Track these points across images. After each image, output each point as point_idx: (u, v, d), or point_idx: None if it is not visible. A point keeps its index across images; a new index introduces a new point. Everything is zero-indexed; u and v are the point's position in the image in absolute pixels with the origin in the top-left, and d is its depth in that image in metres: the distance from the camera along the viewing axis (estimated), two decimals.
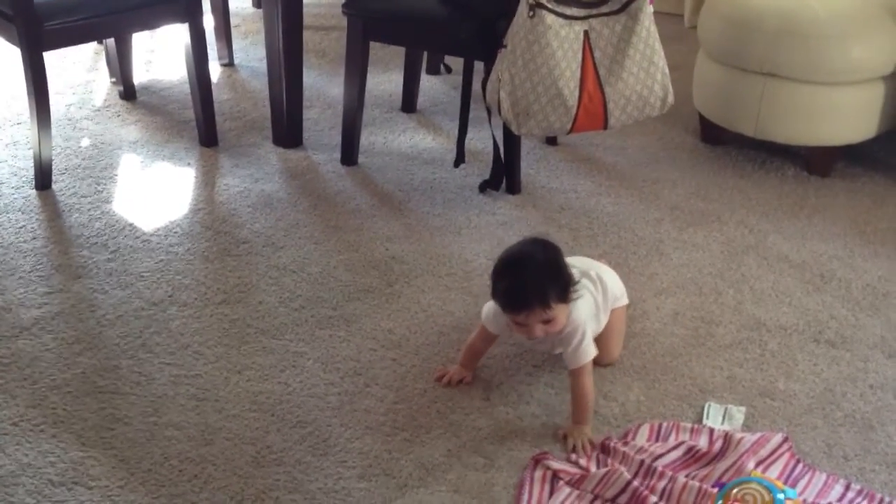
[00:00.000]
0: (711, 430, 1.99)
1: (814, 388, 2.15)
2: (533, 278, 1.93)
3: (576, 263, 2.13)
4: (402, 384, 2.14)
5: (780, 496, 1.63)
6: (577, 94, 2.60)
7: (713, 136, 3.26)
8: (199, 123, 3.12)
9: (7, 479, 1.85)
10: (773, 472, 1.87)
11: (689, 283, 2.52)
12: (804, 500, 1.79)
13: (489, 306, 2.08)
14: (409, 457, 1.94)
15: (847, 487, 1.87)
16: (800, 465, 1.92)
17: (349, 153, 3.07)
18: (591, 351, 2.00)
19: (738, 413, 2.05)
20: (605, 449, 1.93)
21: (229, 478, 1.88)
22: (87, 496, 1.82)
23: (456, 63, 3.34)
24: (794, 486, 1.85)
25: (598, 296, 2.12)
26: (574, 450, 1.94)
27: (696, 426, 2.01)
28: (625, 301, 2.25)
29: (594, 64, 2.60)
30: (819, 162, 3.06)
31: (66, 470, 1.88)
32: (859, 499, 1.84)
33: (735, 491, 1.65)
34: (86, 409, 2.04)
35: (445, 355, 2.23)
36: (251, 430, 2.00)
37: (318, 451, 1.95)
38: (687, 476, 1.86)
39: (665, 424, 2.02)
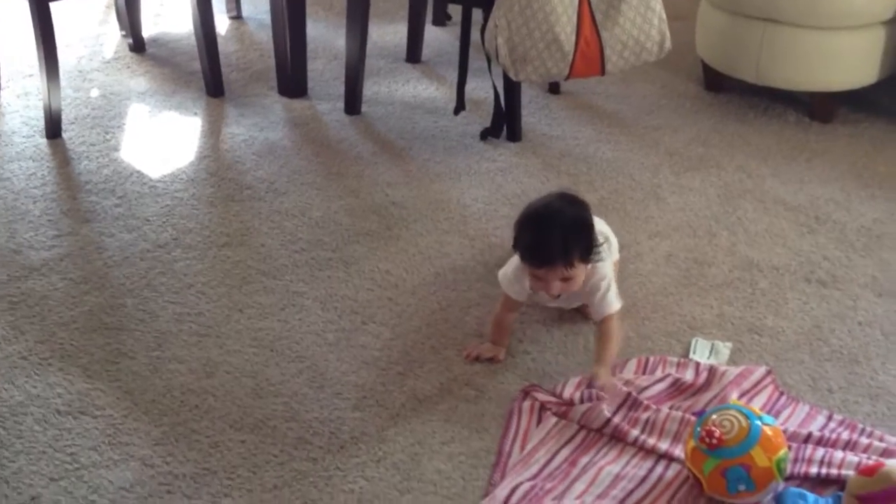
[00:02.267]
0: (697, 364, 2.04)
1: (802, 325, 2.19)
2: (560, 234, 1.90)
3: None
4: (397, 322, 2.20)
5: (757, 422, 1.67)
6: (573, 39, 2.62)
7: (716, 83, 3.27)
8: (206, 74, 3.17)
9: (16, 408, 1.93)
10: (757, 404, 1.92)
11: (683, 226, 2.55)
12: (786, 430, 1.83)
13: (506, 272, 2.05)
14: (402, 389, 2.01)
15: (829, 418, 1.91)
16: (783, 397, 1.97)
17: (352, 102, 3.11)
18: (616, 302, 2.00)
19: (725, 348, 2.09)
20: (592, 383, 1.98)
21: (229, 408, 1.95)
22: (92, 424, 1.90)
23: (457, 11, 3.36)
24: (776, 416, 1.90)
25: (608, 258, 2.09)
26: (604, 387, 1.92)
27: (682, 360, 2.06)
28: (617, 256, 2.25)
29: (590, 9, 2.62)
30: (821, 108, 3.07)
31: (72, 400, 1.96)
32: (841, 428, 1.88)
33: (714, 417, 1.69)
34: (92, 344, 2.11)
35: (441, 295, 2.28)
36: (251, 364, 2.07)
37: (315, 383, 2.02)
38: (671, 407, 1.91)
39: (652, 359, 2.07)
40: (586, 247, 1.94)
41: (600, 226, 2.16)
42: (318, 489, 1.77)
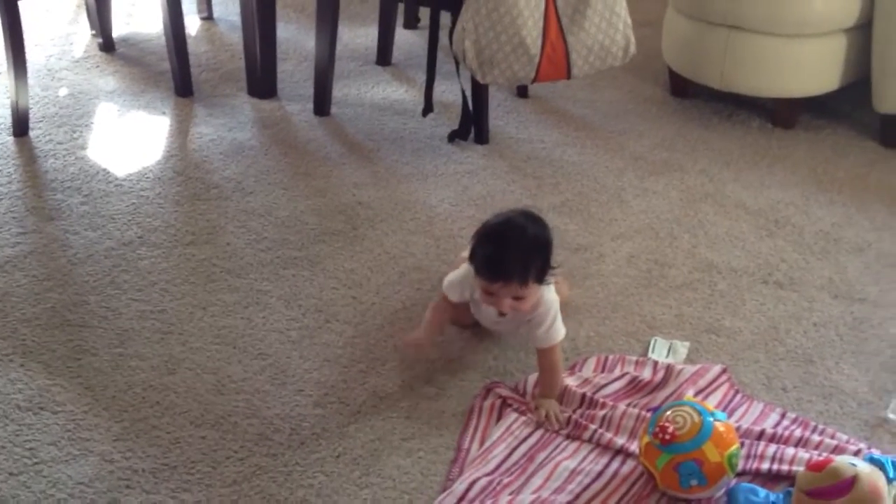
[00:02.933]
0: (655, 363, 2.07)
1: (759, 326, 2.22)
2: (519, 251, 1.87)
3: None
4: (361, 320, 2.21)
5: (709, 418, 1.70)
6: (539, 43, 2.65)
7: (682, 89, 3.31)
8: (175, 74, 3.18)
9: None
10: (712, 401, 1.95)
11: (646, 228, 2.59)
12: (739, 426, 1.87)
13: (453, 277, 2.03)
14: (363, 386, 2.02)
15: (783, 416, 1.95)
16: (738, 396, 2.00)
17: (321, 103, 3.12)
18: (562, 331, 1.96)
19: (682, 347, 2.13)
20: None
21: (190, 404, 1.96)
22: (52, 420, 1.90)
23: (426, 14, 3.39)
24: (731, 413, 1.93)
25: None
26: (547, 418, 1.90)
27: (640, 359, 2.09)
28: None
29: (557, 13, 2.66)
30: (783, 114, 3.11)
31: (32, 396, 1.96)
32: (794, 426, 1.92)
33: (668, 413, 1.72)
34: (54, 340, 2.11)
35: (405, 294, 2.30)
36: (213, 361, 2.07)
37: (277, 380, 2.03)
38: (628, 404, 1.94)
39: (611, 357, 2.10)
40: (543, 267, 1.90)
41: None
42: (277, 484, 1.78)
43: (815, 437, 1.85)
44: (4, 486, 1.74)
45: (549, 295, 1.96)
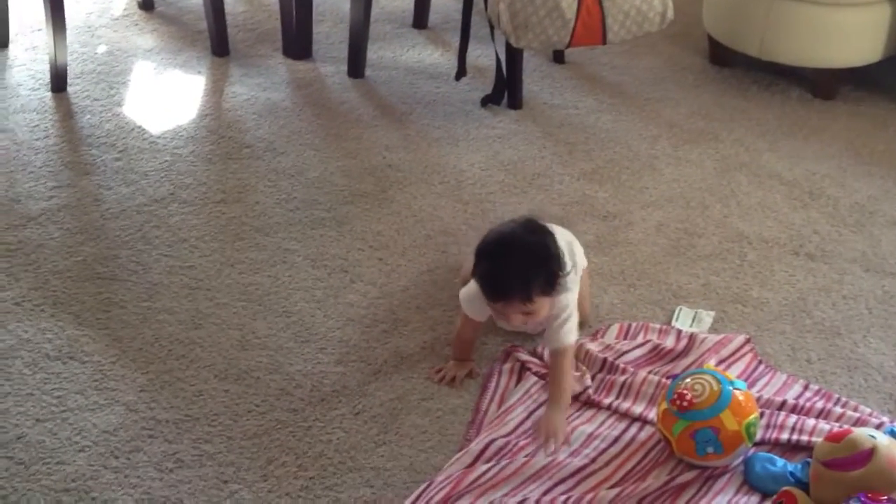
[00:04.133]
0: (679, 331, 2.05)
1: (787, 297, 2.20)
2: (519, 266, 1.76)
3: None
4: (385, 281, 2.22)
5: (729, 387, 1.69)
6: (574, 7, 2.62)
7: (721, 57, 3.26)
8: (212, 33, 3.19)
9: (7, 352, 1.97)
10: (735, 371, 1.93)
11: (677, 197, 2.56)
12: (760, 397, 1.85)
13: (468, 292, 1.91)
14: (385, 346, 2.04)
15: (805, 387, 1.93)
16: (761, 366, 1.98)
17: (356, 65, 3.12)
18: (574, 334, 1.86)
19: (707, 317, 2.11)
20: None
21: (214, 358, 1.99)
22: (80, 369, 1.94)
23: None
24: (753, 384, 1.92)
25: (574, 287, 1.93)
26: (546, 442, 1.76)
27: (664, 327, 2.08)
28: (585, 263, 2.08)
29: None
30: (824, 85, 3.05)
31: (62, 346, 2.00)
32: (816, 398, 1.90)
33: (687, 380, 1.72)
34: (84, 293, 2.15)
35: (430, 257, 2.30)
36: (238, 317, 2.10)
37: (300, 338, 2.05)
38: (649, 372, 1.93)
39: (634, 325, 2.09)
40: (548, 280, 1.77)
41: (566, 236, 2.01)
42: (296, 438, 1.80)
43: (838, 409, 1.83)
44: (31, 433, 1.78)
45: (566, 298, 1.84)
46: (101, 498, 1.67)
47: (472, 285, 1.88)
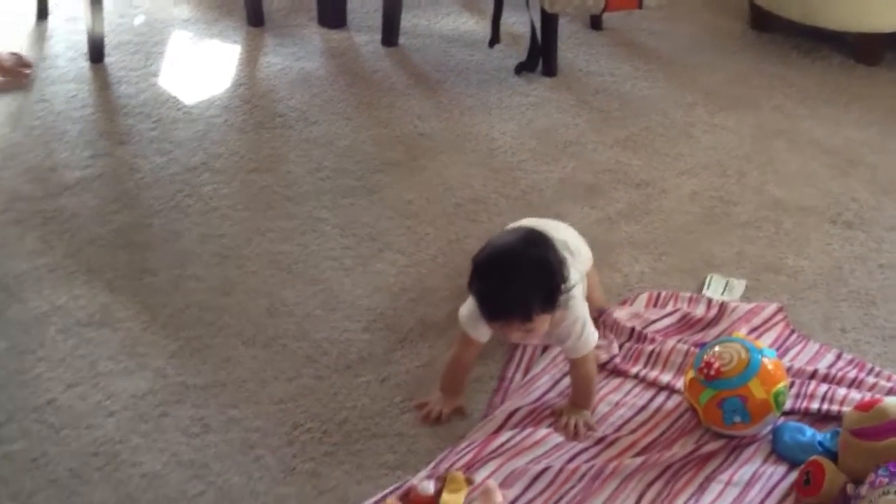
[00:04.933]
0: (709, 300, 2.03)
1: (822, 266, 2.16)
2: (516, 285, 1.63)
3: (553, 234, 1.77)
4: (414, 250, 2.22)
5: (758, 356, 1.67)
6: None
7: (762, 22, 3.19)
8: (247, 3, 3.20)
9: (40, 318, 2.00)
10: (767, 340, 1.90)
11: (713, 165, 2.52)
12: (791, 366, 1.82)
13: (468, 309, 1.77)
14: (412, 315, 2.04)
15: (838, 357, 1.90)
16: (794, 335, 1.95)
17: (389, 34, 3.11)
18: (593, 339, 1.75)
19: (739, 285, 2.08)
20: (599, 316, 1.98)
21: (243, 325, 2.00)
22: (111, 335, 1.97)
23: None
24: (784, 354, 1.89)
25: (580, 295, 1.80)
26: (566, 428, 1.73)
27: (694, 296, 2.05)
28: (591, 261, 1.96)
29: None
30: (867, 50, 2.98)
31: (94, 313, 2.03)
32: (848, 367, 1.86)
33: (715, 349, 1.69)
34: (117, 260, 2.18)
35: (460, 226, 2.29)
36: (267, 285, 2.11)
37: (328, 306, 2.06)
38: (678, 340, 1.91)
39: (664, 293, 2.06)
40: (548, 298, 1.65)
41: (566, 234, 1.91)
42: (322, 404, 1.82)
43: (870, 379, 1.80)
44: (62, 397, 1.82)
45: (575, 308, 1.73)
46: (130, 461, 1.70)
47: (473, 302, 1.74)
